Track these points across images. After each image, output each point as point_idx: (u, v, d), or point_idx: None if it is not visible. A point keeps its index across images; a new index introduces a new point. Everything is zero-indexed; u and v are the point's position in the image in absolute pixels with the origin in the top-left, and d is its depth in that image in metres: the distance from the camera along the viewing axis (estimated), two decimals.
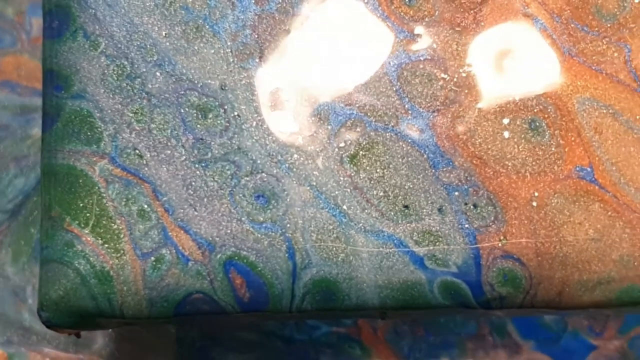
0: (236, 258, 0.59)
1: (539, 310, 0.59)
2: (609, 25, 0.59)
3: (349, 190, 0.59)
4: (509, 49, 0.59)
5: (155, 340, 0.87)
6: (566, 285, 0.58)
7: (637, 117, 0.58)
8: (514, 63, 0.58)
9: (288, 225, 0.59)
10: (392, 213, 0.59)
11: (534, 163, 0.58)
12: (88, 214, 0.59)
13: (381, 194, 0.59)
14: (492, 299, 0.58)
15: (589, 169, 0.58)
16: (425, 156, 0.59)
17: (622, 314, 0.81)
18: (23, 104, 0.89)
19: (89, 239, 0.59)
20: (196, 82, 0.60)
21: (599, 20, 0.59)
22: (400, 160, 0.59)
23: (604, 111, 0.58)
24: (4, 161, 0.88)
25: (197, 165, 0.59)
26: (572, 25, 0.59)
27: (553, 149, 0.58)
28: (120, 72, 0.60)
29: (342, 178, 0.59)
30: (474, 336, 0.86)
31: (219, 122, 0.59)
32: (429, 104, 0.59)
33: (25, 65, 0.90)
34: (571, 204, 0.58)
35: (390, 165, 0.59)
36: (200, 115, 0.59)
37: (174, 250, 0.59)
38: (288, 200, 0.59)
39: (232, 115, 0.59)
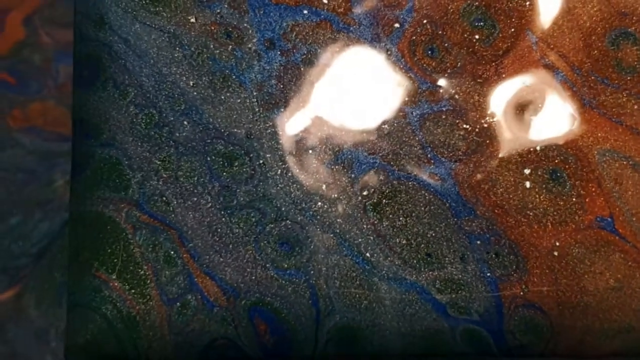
0: (260, 304, 0.59)
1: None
2: (629, 78, 0.60)
3: (372, 238, 0.60)
4: (530, 99, 0.60)
5: None
6: (587, 334, 0.58)
7: None
8: (536, 114, 0.59)
9: (312, 272, 0.60)
10: (415, 261, 0.59)
11: (555, 213, 0.59)
12: (115, 260, 0.60)
13: (404, 242, 0.60)
14: (513, 347, 0.59)
15: (609, 220, 0.59)
16: (447, 205, 0.60)
17: None
18: (49, 149, 0.90)
19: (116, 284, 0.60)
20: (222, 130, 0.61)
21: (619, 73, 0.60)
22: (422, 208, 0.60)
23: (624, 162, 0.59)
24: (29, 205, 0.89)
25: (222, 212, 0.60)
26: (593, 78, 0.60)
27: (574, 199, 0.59)
28: (148, 120, 0.61)
29: (365, 226, 0.60)
30: None
31: (244, 170, 0.61)
32: (451, 154, 0.60)
33: (51, 112, 0.92)
34: (592, 254, 0.59)
35: (413, 214, 0.60)
36: (226, 163, 0.61)
37: (200, 296, 0.59)
38: (312, 247, 0.60)
39: (258, 163, 0.61)
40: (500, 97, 0.60)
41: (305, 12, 0.62)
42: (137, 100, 0.61)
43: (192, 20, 0.62)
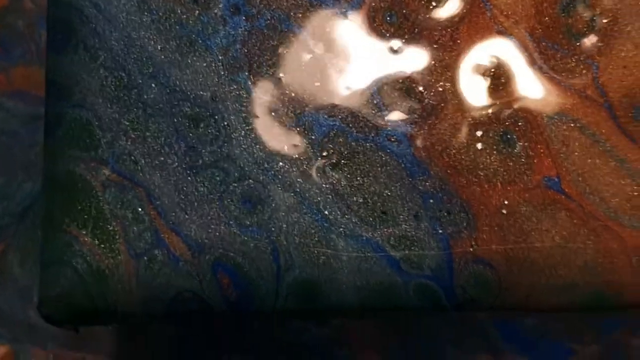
0: (224, 259, 0.63)
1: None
2: (578, 44, 0.62)
3: (330, 196, 0.63)
4: (484, 64, 0.62)
5: (156, 339, 0.91)
6: (533, 289, 0.62)
7: (603, 130, 0.62)
8: (489, 79, 0.62)
9: (273, 229, 0.63)
10: (371, 219, 0.62)
11: (504, 173, 0.62)
12: (86, 216, 0.63)
13: (361, 200, 0.63)
14: (464, 301, 0.62)
15: (556, 179, 0.62)
16: (402, 165, 0.63)
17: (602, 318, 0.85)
18: (32, 112, 0.93)
19: (86, 239, 0.63)
20: (189, 93, 0.64)
21: (569, 39, 0.63)
22: (379, 169, 0.63)
23: (572, 125, 0.62)
24: (13, 167, 0.92)
25: (188, 172, 0.63)
26: (544, 44, 0.63)
27: (523, 160, 0.62)
28: (117, 83, 0.64)
29: (324, 185, 0.63)
30: (457, 340, 0.89)
31: (209, 131, 0.64)
32: (407, 117, 0.63)
33: (34, 76, 0.95)
34: (539, 212, 0.62)
35: (370, 174, 0.63)
36: (192, 125, 0.64)
37: (166, 251, 0.63)
38: (273, 205, 0.63)
39: (222, 124, 0.63)
40: (455, 62, 0.63)
41: None
42: (107, 64, 0.64)
43: None
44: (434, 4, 0.63)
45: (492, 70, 0.62)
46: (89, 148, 0.63)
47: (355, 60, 0.63)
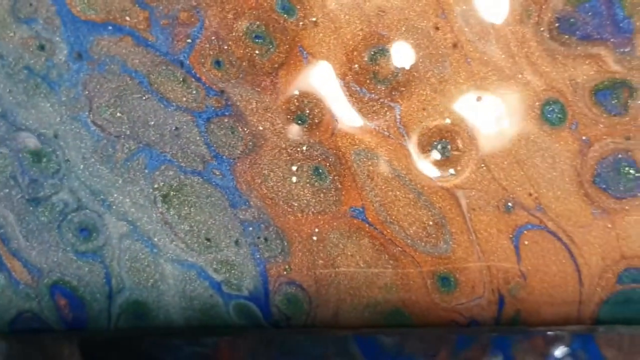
0: (61, 282, 0.69)
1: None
2: (383, 88, 0.71)
3: (160, 225, 0.70)
4: (298, 106, 0.70)
5: None
6: (340, 308, 0.69)
7: (403, 166, 0.70)
8: (304, 120, 0.70)
9: (106, 254, 0.70)
10: (196, 245, 0.70)
11: (316, 204, 0.70)
12: None
13: (187, 228, 0.70)
14: (279, 320, 0.69)
15: (361, 209, 0.69)
16: (226, 197, 0.70)
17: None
18: None
19: None
20: (33, 131, 0.71)
21: (375, 84, 0.71)
22: (204, 200, 0.70)
23: (376, 161, 0.70)
24: None
25: (31, 202, 0.70)
26: (353, 88, 0.71)
27: (333, 192, 0.70)
28: None
29: (154, 215, 0.70)
30: (320, 357, 0.96)
31: (51, 165, 0.70)
32: (230, 153, 0.70)
33: None
34: (345, 239, 0.69)
35: (196, 204, 0.70)
36: (35, 159, 0.70)
37: (7, 275, 0.69)
38: (107, 233, 0.70)
39: (63, 159, 0.70)
40: (275, 104, 0.71)
41: (110, 28, 0.72)
42: None
43: (11, 34, 0.71)
44: (257, 52, 0.71)
45: (307, 110, 0.70)
46: None
47: (184, 102, 0.70)
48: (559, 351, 0.70)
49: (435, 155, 0.69)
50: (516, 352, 0.70)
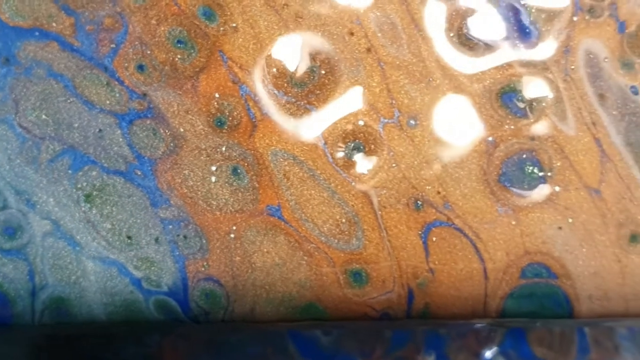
0: None
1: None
2: (299, 91, 0.74)
3: (82, 223, 0.72)
4: (217, 108, 0.73)
5: None
6: (257, 303, 0.72)
7: (318, 166, 0.73)
8: (223, 122, 0.73)
9: (30, 252, 0.72)
10: (118, 242, 0.72)
11: (234, 202, 0.72)
12: None
13: (109, 226, 0.72)
14: (198, 314, 0.72)
15: (277, 207, 0.72)
16: (147, 196, 0.73)
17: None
18: None
19: None
20: None
21: (292, 87, 0.74)
22: (126, 199, 0.73)
23: (292, 161, 0.73)
24: None
25: None
26: (272, 92, 0.74)
27: (250, 190, 0.72)
28: None
29: (77, 214, 0.72)
30: (260, 355, 0.98)
31: None
32: (152, 154, 0.73)
33: None
34: (262, 236, 0.72)
35: (118, 203, 0.72)
36: None
37: None
38: (31, 231, 0.72)
39: None
40: (196, 106, 0.74)
41: (37, 33, 0.74)
42: None
43: None
44: (179, 56, 0.73)
45: (227, 113, 0.73)
46: None
47: (108, 105, 0.73)
48: (490, 352, 0.72)
49: (349, 155, 0.72)
50: (449, 350, 0.72)
